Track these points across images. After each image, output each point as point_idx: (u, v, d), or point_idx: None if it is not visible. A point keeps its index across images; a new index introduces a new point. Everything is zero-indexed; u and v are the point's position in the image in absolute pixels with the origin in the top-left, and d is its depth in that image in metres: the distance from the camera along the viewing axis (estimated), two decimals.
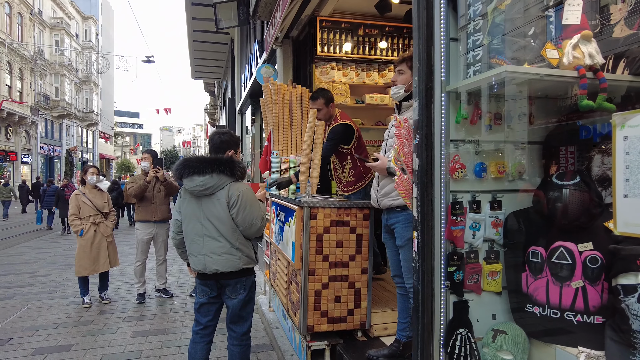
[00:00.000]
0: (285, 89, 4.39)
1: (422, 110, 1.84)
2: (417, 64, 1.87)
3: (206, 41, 12.84)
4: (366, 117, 5.31)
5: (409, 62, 2.44)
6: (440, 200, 1.82)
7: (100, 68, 25.94)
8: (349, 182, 3.57)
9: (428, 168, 1.82)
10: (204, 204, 2.56)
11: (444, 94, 1.84)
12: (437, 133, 1.83)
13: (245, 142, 11.35)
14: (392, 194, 2.48)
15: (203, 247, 2.56)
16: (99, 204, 5.07)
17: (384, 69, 5.19)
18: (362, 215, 3.01)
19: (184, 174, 2.52)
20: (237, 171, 2.55)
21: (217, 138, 2.70)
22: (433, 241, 1.85)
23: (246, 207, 2.54)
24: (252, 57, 8.14)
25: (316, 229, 2.92)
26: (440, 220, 1.83)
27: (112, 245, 5.16)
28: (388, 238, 2.67)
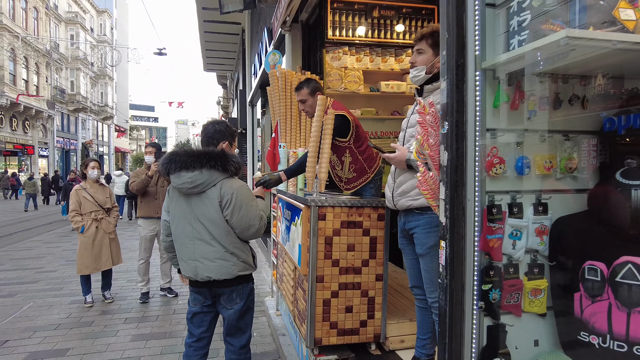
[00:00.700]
0: (293, 75, 4.09)
1: (452, 92, 1.50)
2: (446, 35, 1.52)
3: (217, 32, 12.59)
4: (381, 107, 4.97)
5: (429, 39, 2.12)
6: (474, 203, 1.50)
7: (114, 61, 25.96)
8: (351, 179, 3.26)
9: (459, 163, 1.50)
10: (193, 204, 2.28)
11: (478, 71, 1.50)
12: (470, 120, 1.49)
13: (256, 135, 11.11)
14: (411, 192, 2.16)
15: (194, 252, 2.29)
16: (100, 199, 4.86)
17: (401, 53, 4.84)
18: (376, 216, 2.70)
19: (170, 169, 2.24)
20: (230, 166, 2.26)
21: (211, 128, 2.41)
22: (464, 253, 1.52)
23: (242, 207, 2.25)
24: (261, 46, 7.86)
25: (325, 230, 2.63)
26: (473, 228, 1.51)
27: (114, 242, 4.95)
28: (406, 244, 2.35)
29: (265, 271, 6.28)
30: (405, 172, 2.20)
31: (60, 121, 30.85)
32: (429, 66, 2.15)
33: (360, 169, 3.21)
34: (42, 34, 28.06)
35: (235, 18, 11.36)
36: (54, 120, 29.47)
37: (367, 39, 4.74)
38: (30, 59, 26.54)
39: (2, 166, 24.86)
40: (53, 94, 29.45)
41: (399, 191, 2.23)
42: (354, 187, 3.28)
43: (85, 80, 34.02)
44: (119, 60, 27.06)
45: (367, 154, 3.18)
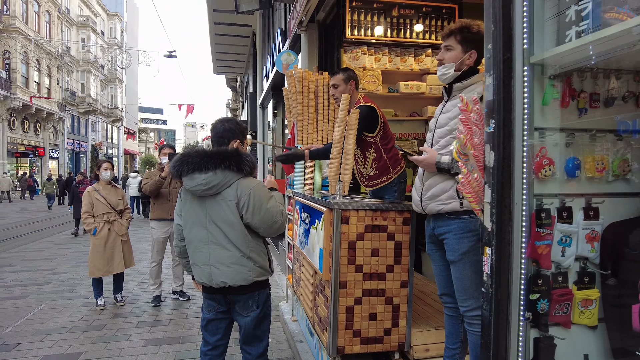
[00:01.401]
0: (311, 76, 4.02)
1: (499, 89, 1.42)
2: (492, 28, 1.44)
3: (228, 34, 12.63)
4: (400, 108, 4.88)
5: (458, 35, 2.05)
6: (522, 207, 1.42)
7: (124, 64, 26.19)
8: (372, 176, 3.18)
9: (506, 164, 1.42)
10: (208, 206, 2.19)
11: (527, 66, 1.41)
12: (518, 118, 1.41)
13: (267, 138, 11.08)
14: (441, 196, 2.08)
15: (208, 257, 2.20)
16: (113, 201, 4.81)
17: (421, 53, 4.75)
18: (401, 220, 2.61)
19: (182, 171, 2.15)
20: (245, 165, 2.17)
21: (221, 126, 2.31)
22: (511, 260, 1.44)
23: (262, 207, 2.16)
24: (274, 48, 7.83)
25: (348, 234, 2.54)
26: (521, 233, 1.43)
27: (127, 244, 4.90)
28: (434, 250, 2.26)
29: (277, 275, 6.19)
30: (434, 174, 2.11)
31: (70, 123, 31.15)
32: (457, 63, 2.07)
33: (383, 168, 3.13)
34: (54, 37, 28.39)
35: (246, 20, 11.38)
36: (64, 122, 29.76)
37: (386, 38, 4.66)
38: (42, 61, 26.86)
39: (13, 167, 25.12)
40: (64, 96, 29.76)
41: (428, 195, 2.14)
42: (374, 185, 3.20)
43: (96, 82, 34.35)
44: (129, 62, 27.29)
45: (393, 154, 3.11)
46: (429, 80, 4.71)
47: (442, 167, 2.01)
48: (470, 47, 2.03)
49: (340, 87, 3.16)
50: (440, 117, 2.16)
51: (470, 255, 1.97)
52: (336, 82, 3.17)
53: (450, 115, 2.06)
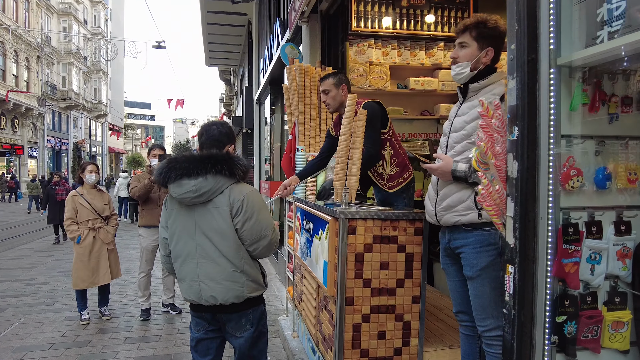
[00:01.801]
0: (313, 71, 4.02)
1: (523, 93, 1.42)
2: (515, 27, 1.44)
3: (221, 23, 12.61)
4: (410, 105, 4.90)
5: (473, 31, 2.04)
6: (548, 221, 1.42)
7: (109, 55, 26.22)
8: (394, 175, 3.15)
9: (530, 174, 1.42)
10: (197, 216, 2.17)
11: (553, 69, 1.41)
12: (543, 125, 1.41)
13: (264, 136, 11.08)
14: (458, 207, 2.07)
15: (197, 272, 2.18)
16: (98, 206, 4.81)
17: (432, 47, 4.75)
18: (412, 230, 2.60)
19: (170, 178, 2.12)
20: (237, 170, 2.16)
21: (216, 130, 2.30)
22: (535, 279, 1.45)
23: (253, 215, 2.14)
24: (272, 39, 7.82)
25: (355, 246, 2.53)
26: (546, 250, 1.43)
27: (113, 253, 4.90)
28: (450, 264, 2.26)
29: (276, 286, 6.19)
30: (449, 183, 2.11)
31: (50, 119, 31.17)
32: (473, 62, 2.06)
33: (403, 164, 3.13)
34: (33, 26, 28.42)
35: (242, 8, 11.37)
36: (44, 118, 29.79)
37: (395, 30, 4.67)
38: (21, 52, 26.89)
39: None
40: (44, 90, 29.79)
41: (444, 205, 2.14)
42: (398, 184, 3.17)
43: (78, 75, 34.37)
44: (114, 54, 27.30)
45: (403, 151, 3.12)
46: (442, 76, 4.71)
47: (459, 176, 2.00)
48: (486, 43, 2.03)
49: (332, 93, 3.19)
50: (456, 120, 2.15)
51: (489, 270, 1.96)
52: (327, 88, 3.20)
53: (467, 119, 2.05)
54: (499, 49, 2.05)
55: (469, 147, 1.99)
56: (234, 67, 20.02)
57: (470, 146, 1.97)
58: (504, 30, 1.96)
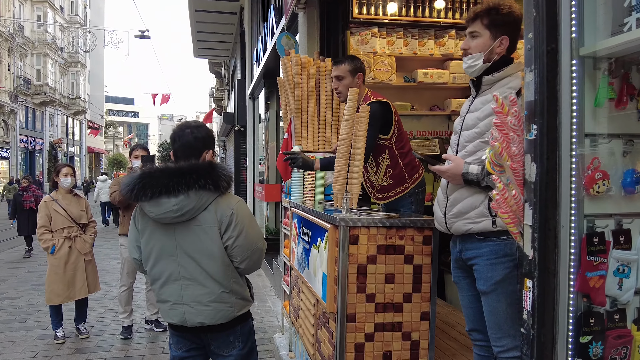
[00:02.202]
0: (311, 63, 4.03)
1: (542, 87, 1.42)
2: (533, 13, 1.44)
3: (211, 11, 12.64)
4: (418, 100, 4.91)
5: (485, 18, 2.04)
6: (570, 230, 1.41)
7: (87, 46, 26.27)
8: (385, 187, 3.18)
9: (551, 178, 1.42)
10: (178, 235, 2.14)
11: (575, 60, 1.41)
12: (565, 122, 1.41)
13: (259, 133, 11.09)
14: (469, 213, 2.07)
15: (181, 294, 2.17)
16: (75, 213, 4.80)
17: (443, 35, 4.78)
18: (421, 238, 2.60)
19: (143, 196, 2.04)
20: (222, 181, 2.12)
21: (190, 134, 2.21)
22: (557, 295, 1.44)
23: (243, 228, 2.12)
24: (266, 28, 7.84)
25: (357, 257, 2.53)
26: (569, 262, 1.42)
27: (91, 265, 4.89)
28: (462, 277, 2.25)
29: (271, 299, 6.18)
30: (460, 186, 2.10)
31: (24, 116, 31.21)
32: (486, 53, 2.05)
33: (399, 177, 3.12)
34: (5, 14, 28.48)
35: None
36: (16, 115, 29.83)
37: (401, 17, 4.69)
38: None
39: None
40: (16, 84, 29.83)
41: (454, 211, 2.13)
42: (387, 197, 3.19)
43: (54, 68, 34.44)
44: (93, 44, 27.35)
45: (409, 159, 3.11)
46: (453, 68, 4.71)
47: (470, 179, 1.99)
48: (500, 32, 2.02)
49: (346, 80, 3.14)
50: (468, 117, 2.14)
51: (505, 284, 1.96)
52: (341, 74, 3.14)
53: (480, 115, 2.04)
54: (515, 37, 2.04)
55: (482, 147, 1.98)
56: (225, 59, 20.07)
57: (483, 145, 1.97)
58: (520, 16, 1.95)
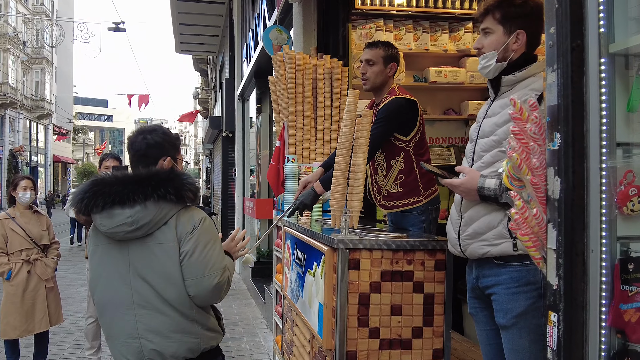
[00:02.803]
0: (307, 61, 4.07)
1: (566, 89, 1.43)
2: (555, 4, 1.45)
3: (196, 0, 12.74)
4: (430, 103, 4.93)
5: (496, 12, 2.07)
6: (601, 255, 1.41)
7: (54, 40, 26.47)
8: (393, 195, 3.21)
9: (577, 194, 1.42)
10: (132, 253, 2.12)
11: (604, 58, 1.42)
12: (593, 130, 1.41)
13: (249, 140, 11.12)
14: (487, 234, 2.07)
15: (135, 326, 2.12)
16: (35, 232, 4.80)
17: (458, 28, 4.82)
18: (432, 263, 2.60)
19: (94, 206, 2.05)
20: (186, 191, 2.12)
21: (142, 141, 2.23)
22: (586, 330, 1.43)
23: (198, 245, 2.09)
24: (257, 20, 7.90)
25: (358, 284, 2.53)
26: (599, 293, 1.42)
27: (53, 293, 4.88)
28: (479, 308, 2.25)
29: (262, 334, 6.16)
30: (476, 203, 2.11)
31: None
32: (501, 50, 2.09)
33: (411, 186, 3.16)
34: None
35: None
36: None
37: (410, 8, 4.73)
38: None
39: None
40: None
41: (469, 232, 2.13)
42: (393, 207, 3.22)
43: (15, 65, 34.70)
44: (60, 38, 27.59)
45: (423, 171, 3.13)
46: (470, 66, 4.74)
47: (487, 195, 2.00)
48: (515, 26, 2.05)
49: (376, 67, 3.20)
50: (485, 123, 2.16)
51: (528, 318, 1.95)
52: (372, 58, 3.20)
53: (498, 121, 2.06)
54: (536, 31, 2.06)
55: (500, 157, 1.99)
56: (212, 55, 20.20)
57: (502, 155, 1.98)
58: (539, 5, 1.97)
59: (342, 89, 4.11)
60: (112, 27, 19.41)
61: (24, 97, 36.06)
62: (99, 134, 72.18)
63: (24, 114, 36.56)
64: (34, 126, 39.31)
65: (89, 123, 69.55)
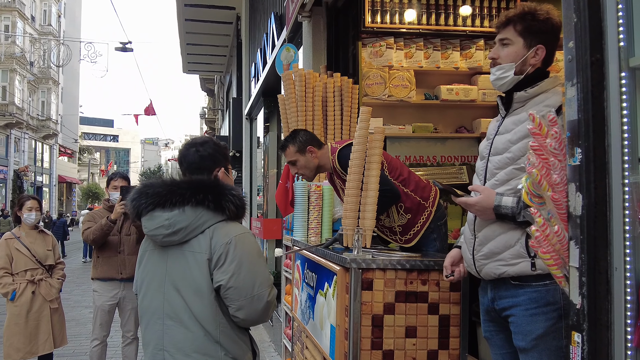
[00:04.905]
0: (317, 79, 4.10)
1: (587, 104, 1.42)
2: (574, 18, 1.46)
3: (203, 20, 12.92)
4: (442, 121, 4.95)
5: (518, 24, 2.07)
6: (625, 273, 1.38)
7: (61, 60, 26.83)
8: (406, 225, 3.23)
9: (600, 211, 1.41)
10: (170, 260, 2.13)
11: (625, 72, 1.41)
12: (615, 145, 1.40)
13: (256, 160, 11.16)
14: (504, 254, 2.05)
15: (162, 337, 2.11)
16: (40, 253, 4.82)
17: (470, 46, 4.82)
18: (447, 284, 2.60)
19: (141, 208, 2.11)
20: (227, 203, 2.10)
21: (194, 153, 2.26)
22: (612, 351, 1.41)
23: (242, 266, 2.05)
24: (266, 40, 7.99)
25: (372, 306, 2.54)
26: (624, 312, 1.39)
27: (58, 314, 4.88)
28: (494, 331, 2.23)
29: (270, 357, 6.11)
30: (491, 222, 2.09)
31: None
32: (519, 63, 2.08)
33: (415, 206, 3.17)
34: None
35: (228, 1, 11.67)
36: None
37: (421, 26, 4.74)
38: None
39: None
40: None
41: (484, 252, 2.12)
42: (415, 235, 3.22)
43: (22, 85, 35.13)
44: (67, 58, 27.96)
45: (414, 182, 3.20)
46: (482, 83, 4.75)
47: (504, 213, 1.98)
48: (535, 40, 2.05)
49: (300, 162, 3.38)
50: (497, 140, 2.15)
51: (548, 340, 1.93)
52: (291, 159, 3.41)
53: (512, 138, 2.05)
54: (552, 48, 2.07)
55: (515, 175, 1.98)
56: (219, 75, 20.40)
57: (517, 173, 1.97)
58: (559, 24, 1.98)
59: (352, 107, 4.13)
60: (119, 47, 19.69)
61: (29, 117, 36.43)
62: (104, 154, 72.73)
63: (29, 134, 36.91)
64: (39, 146, 39.65)
65: (95, 143, 70.12)
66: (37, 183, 38.05)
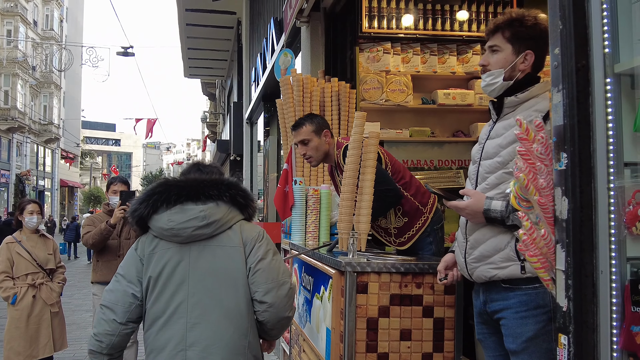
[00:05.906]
0: (315, 84, 4.11)
1: (572, 110, 1.43)
2: (559, 25, 1.47)
3: (204, 24, 12.98)
4: (439, 125, 4.97)
5: (506, 31, 2.09)
6: (611, 276, 1.40)
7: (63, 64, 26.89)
8: (402, 228, 3.23)
9: (586, 215, 1.42)
10: (193, 256, 2.09)
11: (610, 78, 1.43)
12: (600, 150, 1.42)
13: (256, 162, 11.18)
14: (494, 257, 2.06)
15: (184, 335, 2.03)
16: (41, 257, 4.83)
17: (466, 50, 4.86)
18: (442, 287, 2.60)
19: (163, 202, 2.07)
20: (249, 201, 2.22)
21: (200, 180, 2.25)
22: (597, 353, 1.42)
23: (270, 250, 2.15)
24: (266, 45, 8.03)
25: (367, 309, 2.54)
26: (610, 315, 1.41)
27: (58, 318, 4.89)
28: (487, 334, 2.24)
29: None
30: (482, 225, 2.11)
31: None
32: (508, 69, 2.10)
33: (412, 210, 3.18)
34: None
35: (229, 5, 11.72)
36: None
37: (418, 31, 4.76)
38: None
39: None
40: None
41: (475, 255, 2.13)
42: (410, 238, 3.22)
43: (24, 89, 35.20)
44: (69, 62, 28.03)
45: (414, 187, 3.19)
46: (478, 88, 4.77)
47: (494, 217, 2.00)
48: (524, 46, 2.07)
49: (313, 142, 3.31)
50: (488, 144, 2.17)
51: (538, 342, 1.94)
52: (305, 137, 3.31)
53: (502, 142, 2.07)
54: (542, 53, 2.09)
55: (505, 179, 2.00)
56: (220, 79, 20.46)
57: (507, 177, 1.98)
58: (547, 30, 2.00)
59: (349, 111, 4.15)
60: (121, 51, 19.73)
61: (32, 122, 36.48)
62: (106, 158, 72.74)
63: (31, 138, 36.95)
64: (41, 150, 39.70)
65: (97, 147, 70.09)
66: (39, 187, 38.08)
